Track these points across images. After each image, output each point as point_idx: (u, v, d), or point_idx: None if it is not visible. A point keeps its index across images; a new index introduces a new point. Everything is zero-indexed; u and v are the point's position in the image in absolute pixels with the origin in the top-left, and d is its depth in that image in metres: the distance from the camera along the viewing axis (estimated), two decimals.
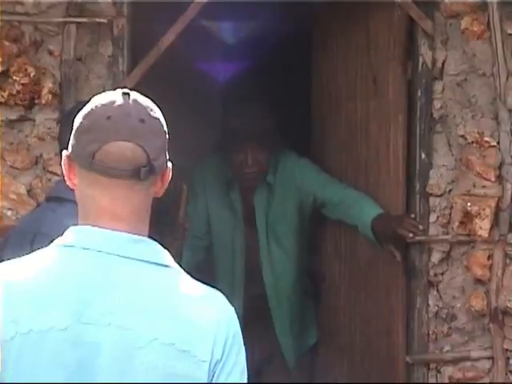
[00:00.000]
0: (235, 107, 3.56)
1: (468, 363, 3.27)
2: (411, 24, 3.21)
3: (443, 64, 3.22)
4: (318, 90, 4.04)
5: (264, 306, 3.66)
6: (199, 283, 1.52)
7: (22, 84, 2.93)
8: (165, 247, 1.52)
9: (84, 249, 1.46)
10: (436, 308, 3.26)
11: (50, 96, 2.97)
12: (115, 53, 3.04)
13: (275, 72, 4.77)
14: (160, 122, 1.51)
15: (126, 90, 1.51)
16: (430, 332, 3.26)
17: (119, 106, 1.47)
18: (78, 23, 2.99)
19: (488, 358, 3.27)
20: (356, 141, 3.62)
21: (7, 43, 2.93)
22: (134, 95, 1.51)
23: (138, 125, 1.46)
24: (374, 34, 3.44)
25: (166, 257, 1.50)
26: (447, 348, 3.28)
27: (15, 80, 2.93)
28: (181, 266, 1.53)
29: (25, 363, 1.42)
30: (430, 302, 3.26)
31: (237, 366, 1.46)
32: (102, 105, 1.48)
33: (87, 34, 3.03)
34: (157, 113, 1.52)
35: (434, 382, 3.26)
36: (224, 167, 3.60)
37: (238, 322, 1.51)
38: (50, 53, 3.01)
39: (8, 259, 1.57)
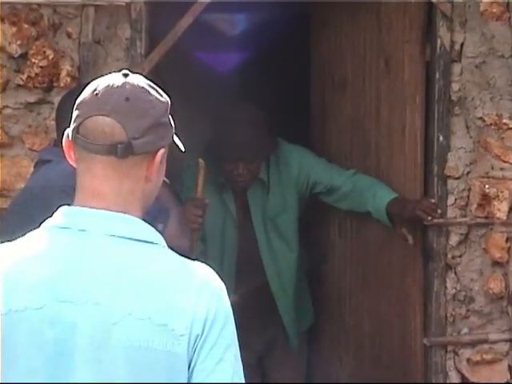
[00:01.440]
0: (229, 119, 3.48)
1: (486, 346, 3.28)
2: (429, 6, 3.19)
3: (462, 46, 3.21)
4: (318, 71, 3.97)
5: (266, 296, 3.60)
6: (184, 259, 1.50)
7: (41, 67, 2.91)
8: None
9: (66, 228, 1.46)
10: (454, 290, 3.26)
11: (69, 79, 2.96)
12: (133, 36, 3.02)
13: (275, 60, 4.74)
14: (151, 103, 1.48)
15: (126, 72, 1.50)
16: (448, 314, 3.26)
17: (109, 84, 1.47)
18: (96, 6, 2.97)
19: (506, 341, 3.29)
20: (364, 123, 3.60)
21: (26, 26, 2.91)
22: (133, 77, 1.49)
23: (122, 102, 1.45)
24: (385, 16, 3.41)
25: (150, 234, 1.49)
26: (465, 330, 3.28)
27: (34, 63, 2.92)
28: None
29: (7, 343, 1.41)
30: (448, 285, 3.26)
31: (220, 341, 1.43)
32: (96, 83, 1.48)
33: (105, 16, 3.01)
34: (151, 97, 1.49)
35: (452, 364, 3.26)
36: (215, 168, 3.46)
37: (224, 297, 1.47)
38: (69, 35, 2.99)
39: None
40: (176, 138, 1.58)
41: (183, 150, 1.62)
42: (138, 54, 3.03)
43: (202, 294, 1.44)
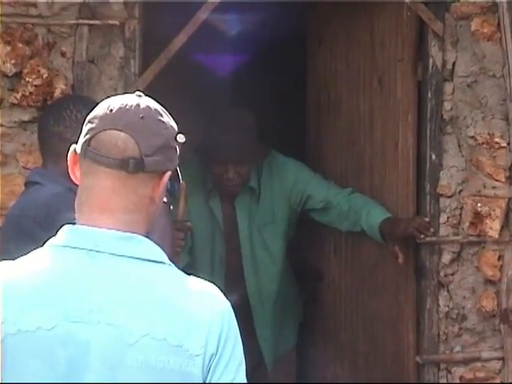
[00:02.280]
0: (221, 122, 3.48)
1: (478, 364, 3.28)
2: (421, 25, 3.22)
3: (453, 65, 3.23)
4: (314, 89, 4.00)
5: (246, 311, 3.52)
6: (193, 277, 1.51)
7: (35, 85, 2.92)
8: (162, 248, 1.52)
9: (73, 248, 1.46)
10: (446, 308, 3.27)
11: None
12: (127, 54, 3.04)
13: (270, 70, 4.75)
14: (164, 125, 1.50)
15: (139, 93, 1.53)
16: (441, 332, 3.27)
17: (123, 102, 1.49)
18: (90, 25, 2.99)
19: (498, 359, 3.29)
20: (359, 141, 3.61)
21: (20, 45, 2.93)
22: (147, 98, 1.52)
23: (137, 119, 1.47)
24: (378, 34, 3.44)
25: (158, 253, 1.49)
26: (458, 348, 3.29)
27: (28, 81, 2.93)
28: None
29: (17, 364, 1.41)
30: (441, 303, 3.26)
31: (233, 359, 1.45)
32: (109, 101, 1.51)
33: (99, 36, 3.03)
34: (164, 118, 1.51)
35: (445, 382, 3.27)
36: (203, 174, 3.50)
37: (233, 315, 1.49)
38: (63, 54, 3.00)
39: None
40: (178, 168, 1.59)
41: (181, 180, 1.65)
42: (131, 72, 3.05)
43: (214, 313, 1.45)
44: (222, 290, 1.52)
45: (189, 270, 3.43)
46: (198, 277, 1.53)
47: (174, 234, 2.85)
